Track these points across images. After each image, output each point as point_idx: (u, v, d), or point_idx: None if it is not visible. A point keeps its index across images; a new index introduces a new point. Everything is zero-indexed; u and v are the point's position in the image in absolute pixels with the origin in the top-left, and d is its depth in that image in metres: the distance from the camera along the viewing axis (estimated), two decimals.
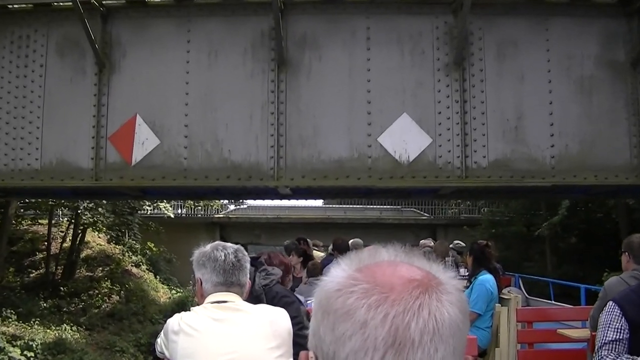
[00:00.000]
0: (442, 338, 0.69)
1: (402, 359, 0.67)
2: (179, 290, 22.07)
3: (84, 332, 17.07)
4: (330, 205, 28.14)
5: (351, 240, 8.83)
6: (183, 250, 24.26)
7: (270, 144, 6.01)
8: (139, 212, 19.80)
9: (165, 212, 17.57)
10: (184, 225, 23.42)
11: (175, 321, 2.35)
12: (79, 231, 19.29)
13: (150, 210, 20.67)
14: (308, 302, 5.26)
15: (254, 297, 2.91)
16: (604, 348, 2.68)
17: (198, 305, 2.45)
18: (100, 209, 15.25)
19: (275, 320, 2.37)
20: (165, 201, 17.53)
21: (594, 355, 2.80)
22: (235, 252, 2.47)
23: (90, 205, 14.84)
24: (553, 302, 9.72)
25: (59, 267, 19.41)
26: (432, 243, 9.40)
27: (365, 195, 7.68)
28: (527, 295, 10.16)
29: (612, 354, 2.65)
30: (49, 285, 18.47)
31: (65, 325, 16.72)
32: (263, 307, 2.49)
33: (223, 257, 2.43)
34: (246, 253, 2.56)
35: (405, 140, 6.00)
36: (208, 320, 2.30)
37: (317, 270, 6.76)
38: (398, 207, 24.82)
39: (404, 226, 24.11)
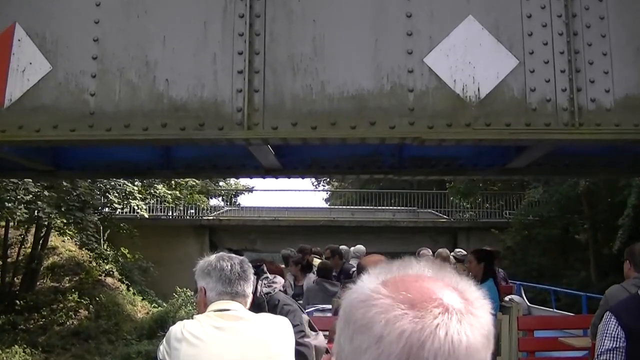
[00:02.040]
0: None
1: None
2: (160, 304, 19.56)
3: (40, 356, 14.62)
4: (336, 207, 25.65)
5: (352, 248, 8.69)
6: (167, 258, 21.77)
7: (238, 69, 3.55)
8: (106, 209, 17.29)
9: (138, 211, 15.08)
10: (168, 228, 20.96)
11: (177, 329, 2.38)
12: (41, 234, 16.86)
13: (123, 210, 18.21)
14: (311, 309, 5.53)
15: (255, 305, 2.79)
16: (601, 357, 2.78)
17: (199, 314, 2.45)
18: (40, 203, 12.71)
19: (277, 329, 2.45)
20: (137, 194, 15.01)
21: None
22: (241, 263, 2.55)
23: (28, 197, 12.31)
24: (555, 310, 9.72)
25: (17, 277, 17.01)
26: (430, 253, 9.10)
27: (393, 171, 5.16)
28: (528, 303, 10.07)
29: None
30: (3, 298, 16.06)
31: (17, 346, 14.27)
32: (265, 315, 2.57)
33: (229, 267, 2.50)
34: (250, 265, 2.61)
35: (471, 61, 3.54)
36: (210, 329, 2.35)
37: (327, 271, 6.83)
38: (413, 208, 22.30)
39: (421, 230, 21.58)
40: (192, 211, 22.39)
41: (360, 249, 8.80)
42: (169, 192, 16.12)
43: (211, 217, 21.90)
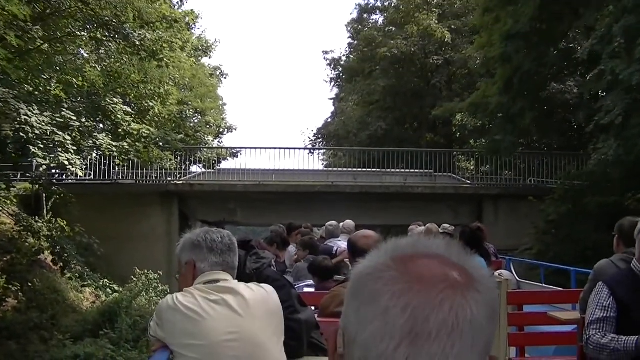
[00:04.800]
0: (460, 335, 0.72)
1: (417, 350, 0.71)
2: (115, 289, 16.15)
3: None
4: (335, 169, 21.94)
5: (342, 223, 8.43)
6: (127, 233, 18.00)
7: None
8: (41, 169, 13.72)
9: (69, 167, 11.52)
10: (127, 196, 17.44)
11: (169, 301, 2.40)
12: None
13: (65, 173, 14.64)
14: (300, 284, 5.85)
15: (245, 282, 2.66)
16: (591, 327, 2.91)
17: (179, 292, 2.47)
18: None
19: (267, 298, 2.51)
20: (70, 146, 11.45)
21: (584, 333, 3.03)
22: (229, 236, 2.58)
23: None
24: (544, 285, 9.76)
25: None
26: (421, 228, 8.81)
27: None
28: (517, 278, 10.07)
29: (599, 333, 2.87)
30: None
31: None
32: (253, 285, 2.56)
33: (220, 239, 2.52)
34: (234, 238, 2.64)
35: None
36: (204, 301, 2.37)
37: (313, 247, 7.04)
38: (430, 170, 18.71)
39: (439, 198, 18.06)
40: (160, 174, 18.80)
41: (349, 224, 8.42)
42: (114, 143, 12.47)
43: (180, 182, 18.32)
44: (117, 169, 18.23)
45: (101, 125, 13.26)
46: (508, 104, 15.54)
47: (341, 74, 34.71)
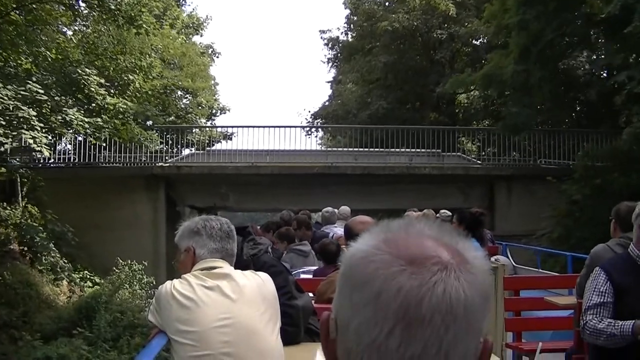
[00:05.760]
0: (455, 318, 0.72)
1: (411, 334, 0.71)
2: (97, 281, 14.84)
3: None
4: (334, 149, 20.55)
5: (337, 209, 8.42)
6: (109, 220, 16.58)
7: None
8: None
9: (34, 146, 10.15)
10: (109, 180, 16.08)
11: (167, 287, 2.46)
12: None
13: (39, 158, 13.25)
14: (297, 270, 5.85)
15: (242, 267, 2.77)
16: (588, 312, 2.94)
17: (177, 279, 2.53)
18: None
19: (262, 285, 2.55)
20: (35, 123, 10.09)
21: (581, 318, 3.05)
22: (227, 223, 2.66)
23: None
24: (540, 270, 9.90)
25: None
26: (417, 214, 8.53)
27: None
28: (514, 263, 9.91)
29: (596, 318, 2.90)
30: None
31: None
32: (249, 272, 2.62)
33: (219, 226, 2.60)
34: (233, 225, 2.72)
35: None
36: (200, 288, 2.43)
37: (288, 236, 6.97)
38: (437, 150, 17.33)
39: (447, 179, 16.73)
40: (148, 158, 17.41)
41: (345, 210, 8.41)
42: (87, 119, 11.04)
43: (167, 165, 16.93)
44: (104, 152, 16.87)
45: (73, 101, 11.77)
46: (524, 75, 14.16)
47: (339, 54, 33.19)
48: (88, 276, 14.89)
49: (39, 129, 10.55)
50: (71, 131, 11.39)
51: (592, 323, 2.91)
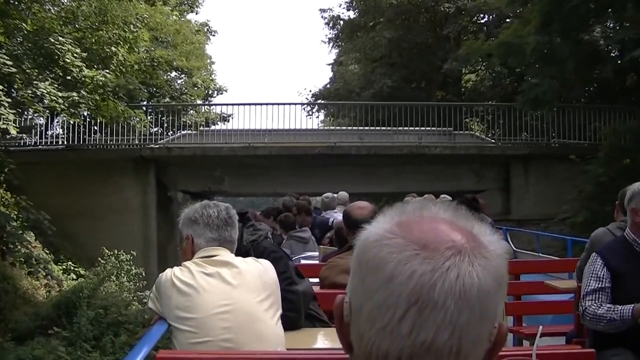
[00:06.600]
0: (467, 303, 0.72)
1: (424, 319, 0.71)
2: (81, 273, 13.68)
3: None
4: (338, 128, 19.20)
5: (336, 195, 8.29)
6: (95, 207, 15.35)
7: None
8: None
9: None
10: (95, 164, 14.86)
11: (168, 275, 2.47)
12: None
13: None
14: (297, 256, 5.88)
15: (242, 253, 2.81)
16: (587, 298, 2.98)
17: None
18: None
19: (263, 272, 2.55)
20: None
21: (580, 304, 3.08)
22: (227, 209, 2.65)
23: None
24: (540, 254, 9.82)
25: None
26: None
27: None
28: (514, 248, 9.94)
29: (595, 303, 2.93)
30: None
31: None
32: (250, 259, 2.63)
33: (216, 214, 2.59)
34: (235, 211, 2.72)
35: None
36: (200, 275, 2.45)
37: (288, 223, 6.98)
38: (449, 128, 16.05)
39: (460, 159, 15.48)
40: (139, 140, 16.18)
41: (344, 196, 8.24)
42: (60, 93, 9.78)
43: (157, 146, 15.67)
44: (95, 136, 15.69)
45: (47, 74, 10.50)
46: (547, 45, 12.88)
47: (340, 33, 31.73)
48: (72, 267, 13.72)
49: (6, 105, 9.29)
50: (42, 107, 10.11)
51: (592, 309, 2.94)
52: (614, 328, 2.88)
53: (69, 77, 10.36)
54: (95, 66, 12.49)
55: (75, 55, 10.48)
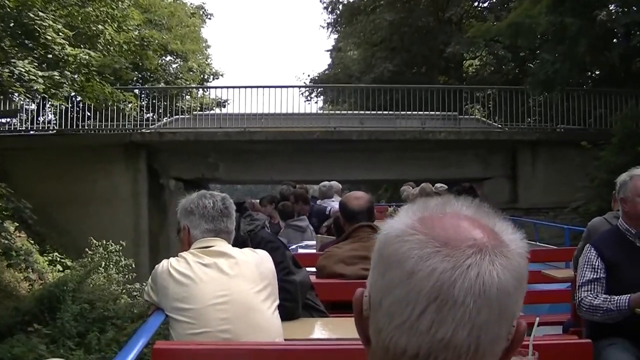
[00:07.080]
0: (487, 301, 0.71)
1: (443, 316, 0.70)
2: (68, 264, 13.02)
3: None
4: (338, 112, 18.43)
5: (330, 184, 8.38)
6: (84, 194, 14.44)
7: None
8: None
9: None
10: (79, 150, 14.16)
11: (164, 266, 2.47)
12: None
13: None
14: (294, 246, 5.91)
15: (239, 243, 2.80)
16: (582, 288, 2.98)
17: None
18: None
19: (260, 263, 2.53)
20: None
21: (575, 295, 3.10)
22: (223, 200, 2.64)
23: None
24: (538, 243, 9.75)
25: None
26: (412, 188, 8.70)
27: None
28: None
29: (591, 294, 2.94)
30: None
31: None
32: (247, 250, 2.62)
33: (212, 205, 2.58)
34: (232, 201, 2.70)
35: None
36: (197, 265, 2.44)
37: (286, 213, 7.03)
38: (454, 113, 15.34)
39: (465, 145, 14.79)
40: (130, 125, 15.46)
41: (336, 186, 8.34)
42: (40, 72, 9.04)
43: (148, 131, 14.95)
44: (88, 122, 14.99)
45: (27, 52, 9.76)
46: (559, 25, 12.17)
47: (339, 18, 30.89)
48: (58, 259, 13.04)
49: None
50: (18, 86, 9.35)
51: (588, 300, 2.94)
52: (611, 318, 2.89)
53: (50, 56, 9.62)
54: (82, 45, 11.76)
55: (57, 32, 9.73)
